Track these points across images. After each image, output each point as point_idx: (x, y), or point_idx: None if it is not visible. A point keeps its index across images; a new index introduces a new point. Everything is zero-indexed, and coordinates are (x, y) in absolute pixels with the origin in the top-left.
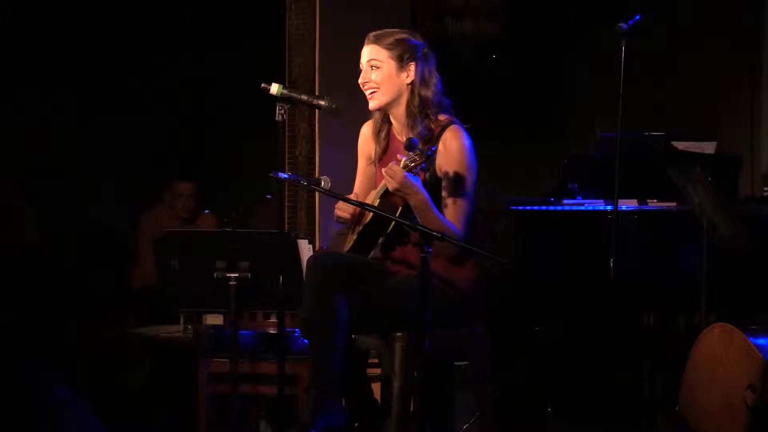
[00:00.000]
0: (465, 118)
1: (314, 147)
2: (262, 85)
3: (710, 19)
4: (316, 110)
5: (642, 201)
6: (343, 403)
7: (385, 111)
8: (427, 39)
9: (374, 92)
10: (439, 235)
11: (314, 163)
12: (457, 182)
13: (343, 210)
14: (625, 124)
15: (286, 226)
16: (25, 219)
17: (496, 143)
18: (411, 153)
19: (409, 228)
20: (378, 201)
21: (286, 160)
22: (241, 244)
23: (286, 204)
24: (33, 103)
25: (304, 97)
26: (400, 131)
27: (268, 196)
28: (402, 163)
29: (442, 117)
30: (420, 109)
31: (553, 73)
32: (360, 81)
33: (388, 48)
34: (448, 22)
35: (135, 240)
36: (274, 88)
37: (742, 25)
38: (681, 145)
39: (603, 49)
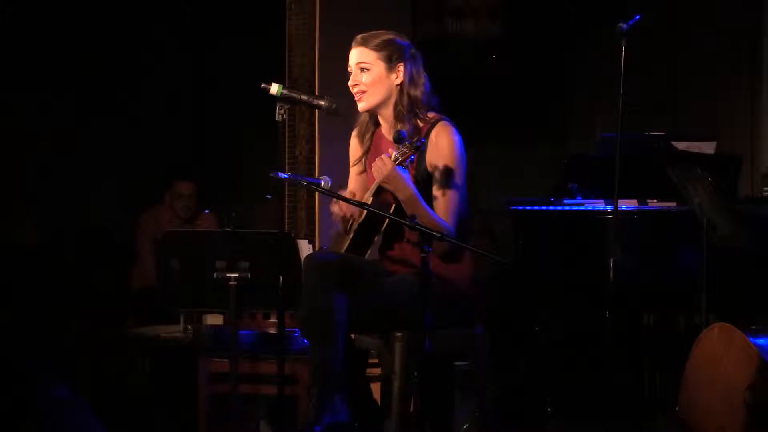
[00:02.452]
0: (465, 116)
1: (314, 147)
2: (262, 85)
3: (710, 19)
4: (316, 110)
5: (642, 201)
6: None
7: (373, 112)
8: (427, 39)
9: (363, 94)
10: (439, 235)
11: (314, 163)
12: (446, 177)
13: (338, 209)
14: (625, 124)
15: (286, 226)
16: (25, 219)
17: (496, 143)
18: (400, 146)
19: (407, 227)
20: (371, 200)
21: (286, 160)
22: (241, 244)
23: (286, 204)
24: (33, 103)
25: (304, 97)
26: (388, 131)
27: (268, 196)
28: (392, 156)
29: (430, 114)
30: (409, 109)
31: (553, 73)
32: (350, 83)
33: (376, 49)
34: (448, 22)
35: (135, 240)
36: (274, 88)
37: (742, 25)
38: (681, 145)
39: (603, 49)
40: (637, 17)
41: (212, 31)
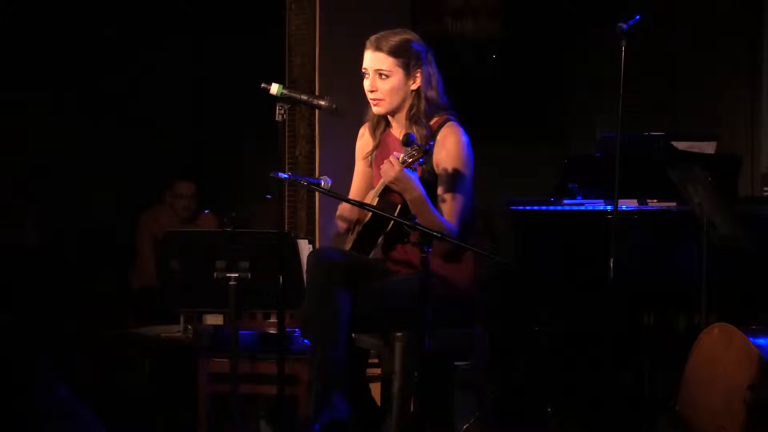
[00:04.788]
0: (465, 116)
1: (314, 147)
2: (262, 85)
3: (710, 19)
4: (316, 110)
5: (642, 201)
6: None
7: (386, 114)
8: (427, 39)
9: (381, 101)
10: (439, 235)
11: (314, 163)
12: (453, 178)
13: (345, 220)
14: (625, 124)
15: (286, 226)
16: (25, 219)
17: (496, 143)
18: (408, 148)
19: (408, 228)
20: (377, 200)
21: (286, 160)
22: (241, 244)
23: (286, 204)
24: (33, 103)
25: (304, 97)
26: (398, 132)
27: (268, 196)
28: (400, 158)
29: (439, 115)
30: (425, 113)
31: (553, 73)
32: (367, 88)
33: (394, 55)
34: (448, 22)
35: (135, 240)
36: (274, 88)
37: (742, 25)
38: (681, 145)
39: (603, 49)
40: (637, 17)
41: (212, 31)
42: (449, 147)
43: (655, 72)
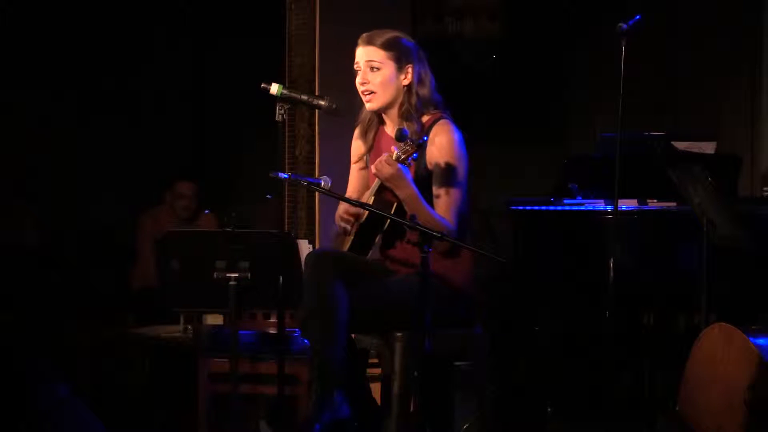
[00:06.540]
0: (465, 116)
1: (314, 147)
2: (262, 85)
3: (710, 19)
4: (316, 110)
5: (642, 201)
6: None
7: (379, 112)
8: (427, 39)
9: (373, 94)
10: (439, 235)
11: (314, 163)
12: (447, 175)
13: (345, 219)
14: (625, 124)
15: (286, 226)
16: (25, 219)
17: (496, 143)
18: (402, 144)
19: (408, 228)
20: (372, 199)
21: (286, 160)
22: (241, 244)
23: (286, 204)
24: (33, 103)
25: (304, 97)
26: (391, 130)
27: (268, 196)
28: (394, 154)
29: (431, 113)
30: (417, 108)
31: (553, 73)
32: (358, 81)
33: (386, 48)
34: (448, 22)
35: (135, 240)
36: (274, 88)
37: (742, 25)
38: (681, 145)
39: (603, 49)
40: (637, 17)
41: (212, 31)
42: (441, 143)
43: (655, 72)
